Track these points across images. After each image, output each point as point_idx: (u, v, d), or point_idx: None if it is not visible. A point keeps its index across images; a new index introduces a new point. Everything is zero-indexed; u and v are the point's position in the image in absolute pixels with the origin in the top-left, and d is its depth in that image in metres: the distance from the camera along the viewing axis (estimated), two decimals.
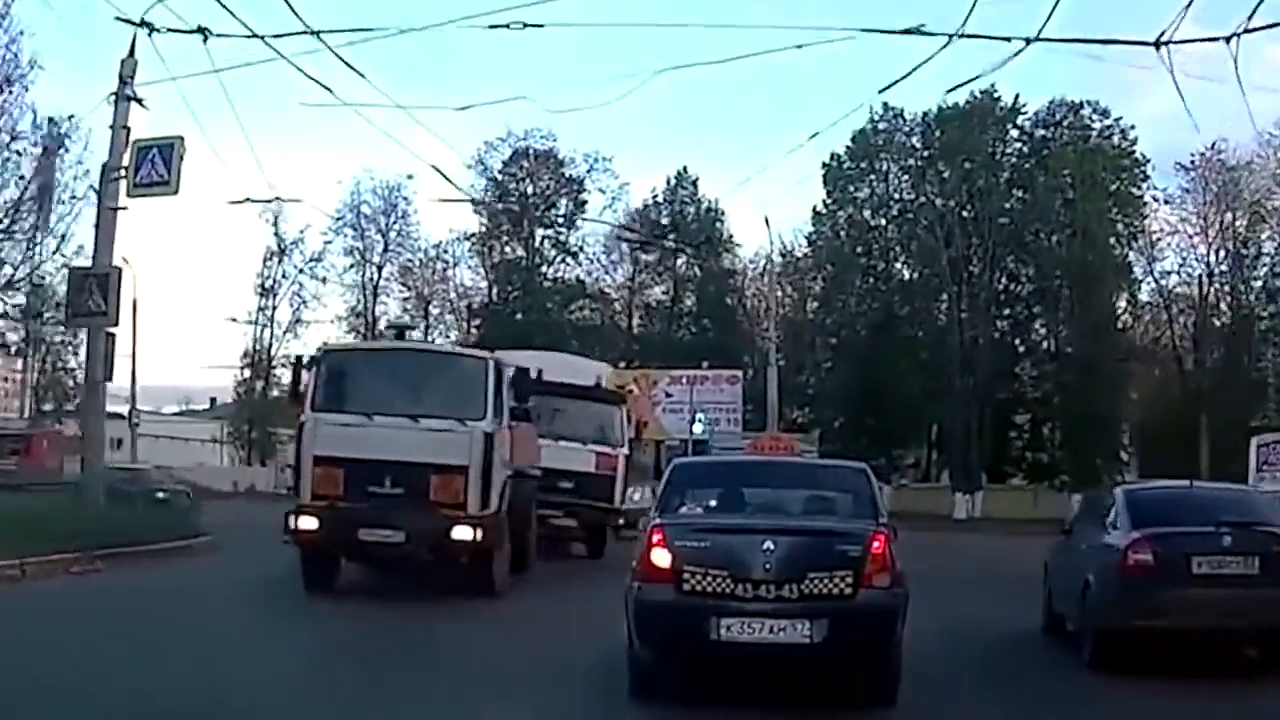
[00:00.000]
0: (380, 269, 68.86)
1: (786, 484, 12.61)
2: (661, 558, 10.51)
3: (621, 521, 25.26)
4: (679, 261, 70.92)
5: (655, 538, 10.64)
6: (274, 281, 68.56)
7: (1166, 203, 62.07)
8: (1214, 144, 60.43)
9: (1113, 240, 61.99)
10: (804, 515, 11.53)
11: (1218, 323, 61.72)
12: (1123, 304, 63.72)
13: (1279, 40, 72.25)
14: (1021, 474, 64.64)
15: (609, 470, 25.34)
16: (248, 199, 30.11)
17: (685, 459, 13.44)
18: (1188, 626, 12.07)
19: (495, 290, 69.98)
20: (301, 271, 67.95)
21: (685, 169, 69.37)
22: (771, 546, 10.25)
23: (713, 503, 11.94)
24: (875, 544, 10.39)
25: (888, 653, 10.47)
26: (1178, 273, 62.57)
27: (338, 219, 67.69)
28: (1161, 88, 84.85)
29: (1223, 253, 61.04)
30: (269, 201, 26.85)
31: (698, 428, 41.51)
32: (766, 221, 48.01)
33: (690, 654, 10.57)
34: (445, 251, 70.08)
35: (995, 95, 63.81)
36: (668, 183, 69.66)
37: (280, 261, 67.46)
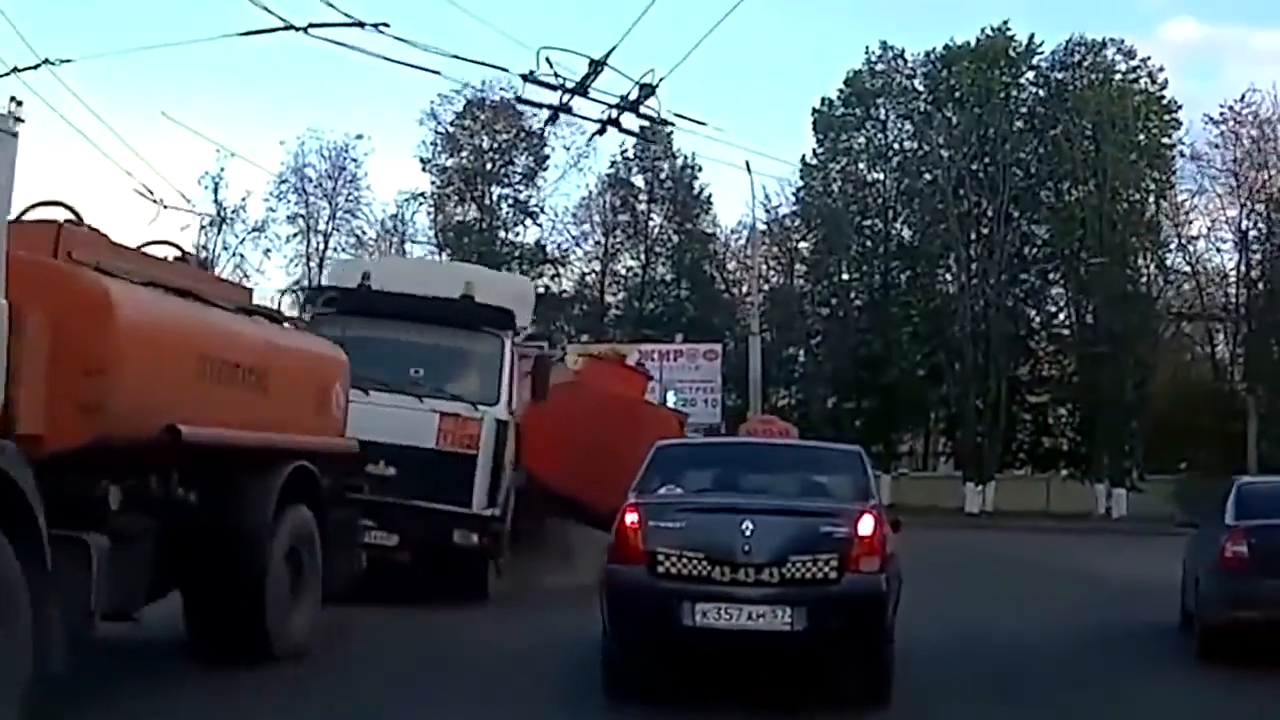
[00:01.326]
0: (327, 238, 68.81)
1: (773, 467, 13.34)
2: (634, 538, 11.16)
3: (481, 539, 17.82)
4: (652, 224, 71.13)
5: (629, 517, 11.30)
6: (212, 255, 68.30)
7: (1195, 159, 62.30)
8: (1244, 95, 61.35)
9: (1139, 197, 62.08)
10: (789, 497, 12.17)
11: (1247, 293, 62.05)
12: (1151, 270, 63.37)
13: None
14: (1031, 462, 65.26)
15: (463, 445, 17.66)
16: None
17: (668, 441, 14.20)
18: None
19: (448, 256, 69.79)
20: (243, 242, 67.79)
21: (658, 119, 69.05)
22: (751, 527, 10.88)
23: (693, 485, 12.59)
24: (862, 524, 11.06)
25: (876, 642, 11.14)
26: (1207, 237, 63.00)
27: (280, 182, 67.43)
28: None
29: (1255, 216, 61.40)
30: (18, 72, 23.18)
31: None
32: (748, 167, 47.85)
33: (663, 641, 11.18)
34: (402, 221, 69.99)
35: (1008, 33, 63.87)
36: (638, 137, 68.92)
37: (220, 232, 67.26)
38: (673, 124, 19.82)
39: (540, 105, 19.98)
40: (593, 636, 11.59)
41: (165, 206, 30.31)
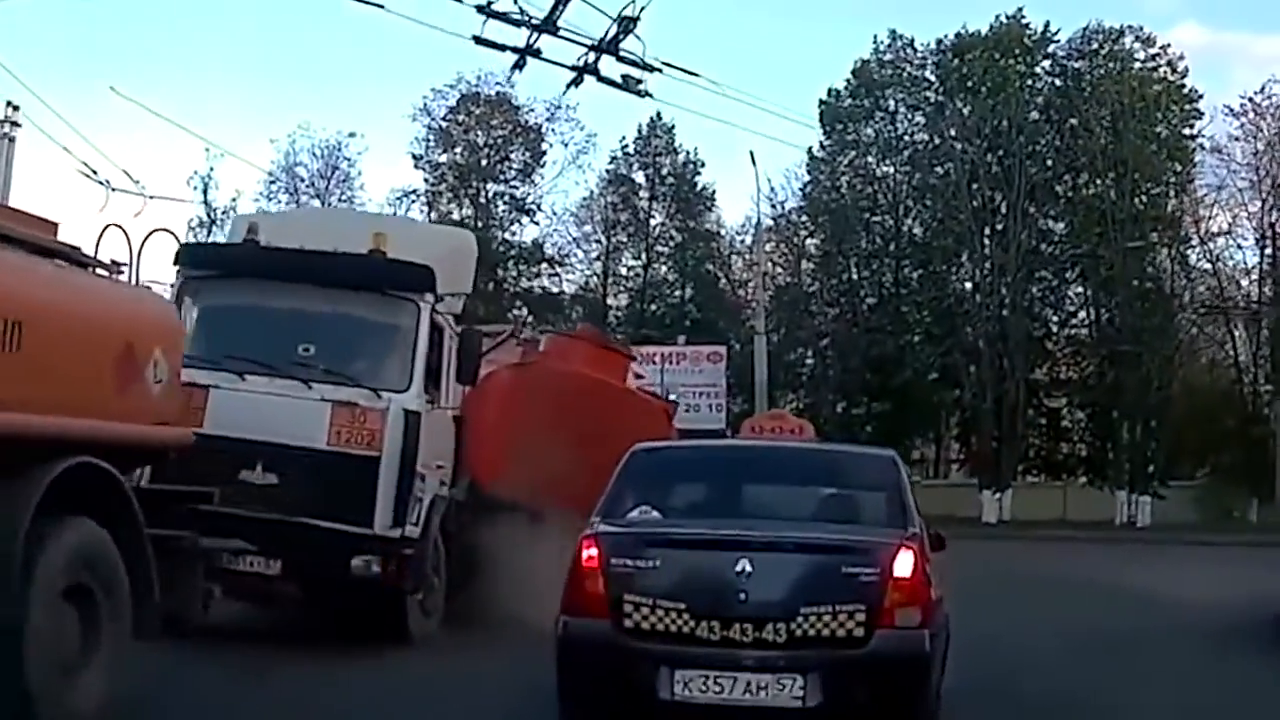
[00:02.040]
0: None
1: (782, 479, 10.64)
2: (593, 582, 8.66)
3: (386, 568, 13.65)
4: (654, 223, 69.35)
5: (586, 553, 8.77)
6: None
7: (1215, 152, 60.29)
8: (1264, 87, 59.59)
9: (1159, 190, 60.13)
10: (803, 522, 9.54)
11: (1274, 291, 60.35)
12: (1173, 266, 61.18)
13: None
14: (1046, 468, 63.62)
15: (361, 444, 13.70)
16: None
17: (648, 444, 11.19)
18: None
19: None
20: None
21: (659, 114, 67.78)
22: (749, 568, 8.34)
23: (677, 504, 9.99)
24: (899, 562, 8.43)
25: (915, 717, 8.53)
26: (1228, 234, 61.01)
27: (271, 181, 65.78)
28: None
29: (1278, 211, 59.59)
30: None
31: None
32: (752, 157, 46.47)
33: (633, 716, 8.77)
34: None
35: (1022, 20, 62.19)
36: (639, 132, 68.13)
37: (209, 234, 65.30)
38: (659, 69, 16.89)
39: (503, 47, 16.91)
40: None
41: (113, 189, 28.28)
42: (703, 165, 68.10)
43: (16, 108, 31.63)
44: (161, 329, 10.44)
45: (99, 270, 10.45)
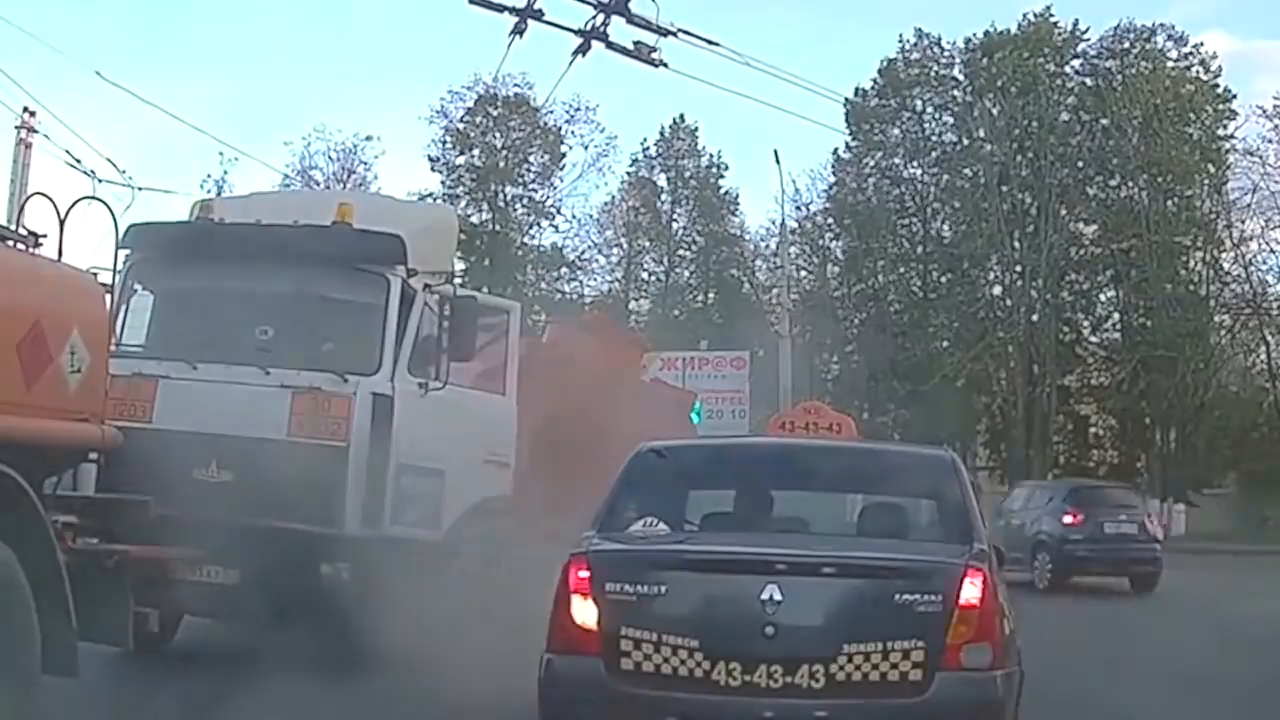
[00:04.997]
0: None
1: (819, 484, 9.04)
2: (584, 611, 7.10)
3: (355, 575, 11.94)
4: (675, 227, 68.76)
5: (576, 575, 7.18)
6: None
7: (1248, 154, 58.36)
8: None
9: (1192, 192, 58.91)
10: (845, 538, 8.16)
11: None
12: (1205, 271, 59.93)
13: None
14: (1073, 475, 60.31)
15: (326, 434, 12.15)
16: None
17: (659, 443, 9.40)
18: None
19: (458, 257, 67.03)
20: None
21: (682, 117, 67.52)
22: (778, 596, 6.75)
23: (690, 516, 8.42)
24: (966, 588, 6.80)
25: None
26: (1260, 238, 58.93)
27: (285, 184, 64.68)
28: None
29: None
30: None
31: (693, 418, 38.10)
32: (776, 156, 45.42)
33: None
34: None
35: (1051, 19, 61.23)
36: (662, 134, 67.86)
37: None
38: (674, 34, 15.39)
39: (501, 8, 15.42)
40: None
41: (100, 180, 27.44)
42: (726, 168, 67.71)
43: (33, 113, 31.78)
44: (82, 309, 8.74)
45: (10, 242, 8.84)
